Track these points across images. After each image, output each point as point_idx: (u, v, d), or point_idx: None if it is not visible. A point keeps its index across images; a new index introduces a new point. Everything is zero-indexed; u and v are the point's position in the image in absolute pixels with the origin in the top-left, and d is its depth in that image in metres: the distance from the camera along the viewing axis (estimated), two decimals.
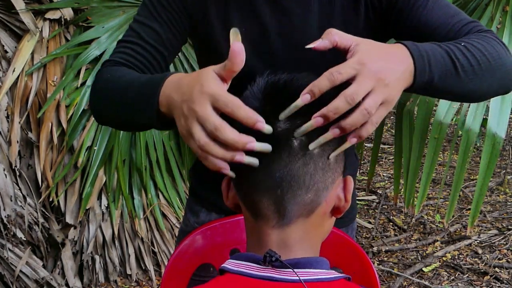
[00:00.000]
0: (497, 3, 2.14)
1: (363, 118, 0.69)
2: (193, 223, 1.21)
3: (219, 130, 0.67)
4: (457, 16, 0.95)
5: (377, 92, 0.70)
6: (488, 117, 2.01)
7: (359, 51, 0.72)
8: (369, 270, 1.08)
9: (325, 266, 0.73)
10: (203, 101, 0.69)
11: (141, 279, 2.72)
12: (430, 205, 3.77)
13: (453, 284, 2.85)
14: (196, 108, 0.69)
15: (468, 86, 0.85)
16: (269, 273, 0.70)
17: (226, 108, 0.68)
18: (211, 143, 0.69)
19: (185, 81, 0.74)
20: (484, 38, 0.89)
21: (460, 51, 0.83)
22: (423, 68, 0.77)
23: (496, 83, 0.90)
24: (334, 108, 0.68)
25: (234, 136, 0.68)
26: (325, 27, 0.99)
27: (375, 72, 0.70)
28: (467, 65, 0.83)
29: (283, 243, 0.73)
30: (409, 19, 0.96)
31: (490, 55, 0.86)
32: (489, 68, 0.86)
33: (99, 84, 0.94)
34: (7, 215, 2.30)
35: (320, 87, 0.69)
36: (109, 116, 0.94)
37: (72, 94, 2.44)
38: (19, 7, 2.31)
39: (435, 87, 0.81)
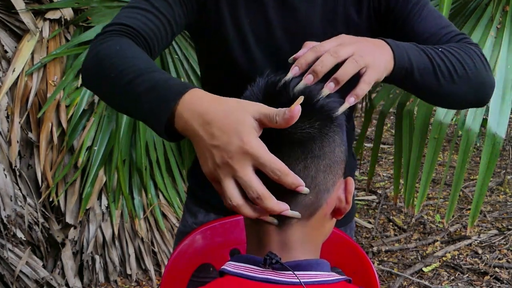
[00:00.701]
0: (497, 3, 2.14)
1: (353, 66, 0.77)
2: (191, 224, 1.21)
3: (262, 199, 0.67)
4: (448, 27, 1.00)
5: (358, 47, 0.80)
6: (488, 117, 2.01)
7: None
8: (369, 270, 1.08)
9: (326, 268, 0.73)
10: (244, 161, 0.66)
11: (141, 279, 2.72)
12: (430, 205, 3.77)
13: (453, 284, 2.85)
14: (236, 167, 0.66)
15: (445, 88, 0.90)
16: (270, 275, 0.70)
17: (273, 175, 0.66)
18: (245, 205, 0.68)
19: (214, 118, 0.68)
20: (465, 48, 0.94)
21: (436, 54, 0.89)
22: (402, 55, 0.85)
23: (471, 93, 0.94)
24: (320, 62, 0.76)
25: (273, 205, 0.67)
26: (328, 23, 1.00)
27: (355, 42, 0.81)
28: (444, 67, 0.88)
29: (283, 244, 0.72)
30: (403, 26, 1.00)
31: (466, 64, 0.91)
32: (465, 76, 0.91)
33: (103, 46, 0.85)
34: (7, 215, 2.30)
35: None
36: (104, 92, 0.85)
37: (72, 94, 2.44)
38: (19, 7, 2.31)
39: (415, 80, 0.86)
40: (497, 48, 2.08)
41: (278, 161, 0.66)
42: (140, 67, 0.79)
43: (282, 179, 0.67)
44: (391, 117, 5.14)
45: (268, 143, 0.68)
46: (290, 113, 0.65)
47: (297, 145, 0.70)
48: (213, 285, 0.73)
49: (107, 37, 0.87)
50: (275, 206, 0.67)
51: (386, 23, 1.03)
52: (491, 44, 2.09)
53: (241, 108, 0.68)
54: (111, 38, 0.87)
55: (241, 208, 0.68)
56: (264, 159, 0.66)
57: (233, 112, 0.68)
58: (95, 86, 0.88)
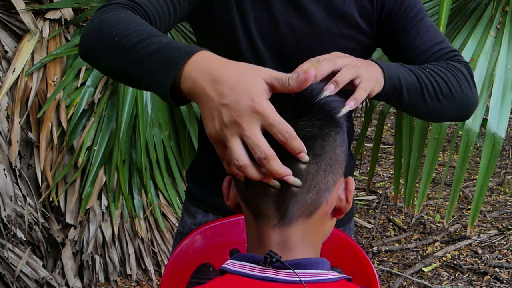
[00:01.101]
0: (497, 3, 2.14)
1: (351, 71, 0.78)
2: (190, 225, 1.21)
3: (269, 160, 0.66)
4: (442, 43, 1.04)
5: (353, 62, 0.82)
6: (488, 117, 2.01)
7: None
8: (369, 270, 1.08)
9: (326, 267, 0.73)
10: (253, 121, 0.65)
11: (141, 279, 2.72)
12: (430, 205, 3.77)
13: (453, 284, 2.85)
14: (244, 125, 0.65)
15: (430, 106, 0.95)
16: (270, 274, 0.70)
17: (281, 137, 0.66)
18: (250, 166, 0.67)
19: (224, 79, 0.68)
20: (452, 69, 0.98)
21: (424, 74, 0.93)
22: (391, 73, 0.88)
23: (455, 111, 1.00)
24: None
25: (279, 168, 0.66)
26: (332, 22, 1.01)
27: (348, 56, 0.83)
28: (430, 87, 0.93)
29: (283, 243, 0.73)
30: (399, 38, 1.03)
31: (451, 85, 0.96)
32: (450, 96, 0.96)
33: (106, 18, 0.83)
34: (7, 215, 2.30)
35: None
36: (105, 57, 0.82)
37: (72, 94, 2.44)
38: (19, 7, 2.31)
39: (402, 97, 0.90)
40: (497, 48, 2.08)
41: (287, 123, 0.66)
42: (147, 31, 0.78)
43: (289, 142, 0.66)
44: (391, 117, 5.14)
45: (271, 142, 0.68)
46: (305, 75, 0.65)
47: None
48: (214, 283, 0.73)
49: (110, 9, 0.86)
50: (280, 169, 0.66)
51: (383, 31, 1.05)
52: (491, 44, 2.09)
53: (252, 70, 0.68)
54: (115, 9, 0.85)
55: (248, 169, 0.67)
56: (273, 119, 0.65)
57: (245, 73, 0.67)
58: (96, 52, 0.84)
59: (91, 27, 0.85)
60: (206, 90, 0.68)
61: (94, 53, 0.84)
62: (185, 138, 2.69)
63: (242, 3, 1.00)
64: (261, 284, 0.70)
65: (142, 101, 2.50)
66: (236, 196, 0.78)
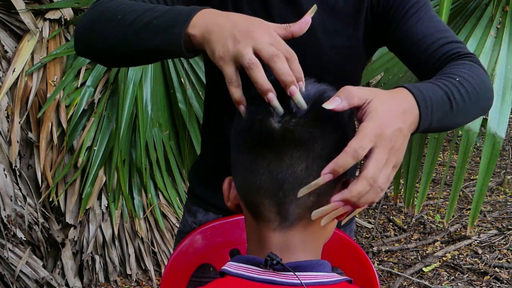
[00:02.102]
0: (497, 3, 2.14)
1: (376, 195, 0.68)
2: (191, 224, 1.21)
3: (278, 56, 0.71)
4: (444, 32, 0.97)
5: (390, 163, 0.69)
6: (488, 117, 2.01)
7: (371, 113, 0.69)
8: (369, 270, 1.08)
9: (327, 269, 0.73)
10: (265, 34, 0.72)
11: (141, 279, 2.72)
12: (430, 205, 3.77)
13: (453, 284, 2.85)
14: (256, 36, 0.72)
15: (458, 120, 0.87)
16: (270, 276, 0.70)
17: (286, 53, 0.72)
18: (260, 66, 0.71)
19: (236, 16, 0.76)
20: (473, 68, 0.91)
21: (456, 89, 0.84)
22: (426, 116, 0.77)
23: (479, 110, 0.93)
24: (358, 193, 0.67)
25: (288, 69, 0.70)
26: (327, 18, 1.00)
27: (389, 140, 0.69)
28: (461, 102, 0.84)
29: (284, 246, 0.72)
30: (399, 27, 0.98)
31: (478, 87, 0.89)
32: (477, 99, 0.89)
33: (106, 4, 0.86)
34: (7, 215, 2.30)
35: (344, 165, 0.67)
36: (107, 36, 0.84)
37: (72, 94, 2.44)
38: (19, 7, 2.31)
39: (430, 129, 0.82)
40: (497, 48, 2.08)
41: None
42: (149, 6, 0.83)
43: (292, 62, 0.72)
44: None
45: (271, 143, 0.68)
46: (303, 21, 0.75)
47: (299, 145, 0.69)
48: (214, 285, 0.73)
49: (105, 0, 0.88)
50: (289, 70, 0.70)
51: (381, 23, 1.02)
52: (491, 44, 2.09)
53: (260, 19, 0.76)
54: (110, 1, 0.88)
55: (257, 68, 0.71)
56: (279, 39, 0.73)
57: (256, 18, 0.76)
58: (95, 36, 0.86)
59: (89, 16, 0.87)
60: (219, 22, 0.75)
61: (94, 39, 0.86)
62: (185, 138, 2.69)
63: (239, 1, 1.00)
64: (262, 287, 0.69)
65: (142, 101, 2.50)
66: (237, 197, 0.77)
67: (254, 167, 0.71)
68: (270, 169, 0.70)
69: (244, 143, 0.73)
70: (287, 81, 0.70)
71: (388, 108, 0.71)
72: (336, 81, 0.77)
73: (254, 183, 0.71)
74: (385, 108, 0.70)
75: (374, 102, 0.70)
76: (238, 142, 0.74)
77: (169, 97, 2.67)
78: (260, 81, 0.70)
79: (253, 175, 0.71)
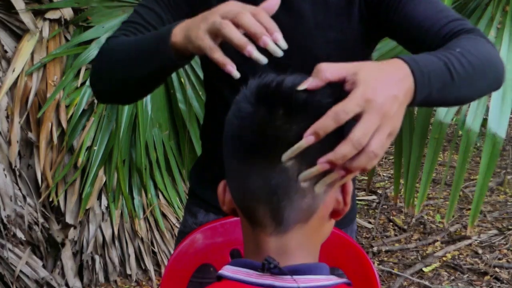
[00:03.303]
0: (497, 3, 2.14)
1: (369, 160, 0.65)
2: (191, 224, 1.21)
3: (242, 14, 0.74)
4: (445, 11, 0.95)
5: (383, 129, 0.66)
6: (488, 117, 2.01)
7: (360, 82, 0.66)
8: (369, 270, 1.08)
9: (325, 272, 0.72)
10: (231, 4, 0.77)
11: (141, 279, 2.72)
12: (430, 205, 3.77)
13: (453, 284, 2.85)
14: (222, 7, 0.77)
15: (462, 92, 0.84)
16: (268, 280, 0.69)
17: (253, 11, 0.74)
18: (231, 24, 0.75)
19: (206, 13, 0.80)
20: (476, 40, 0.88)
21: (456, 59, 0.81)
22: (423, 85, 0.73)
23: (486, 83, 0.89)
24: (342, 155, 0.64)
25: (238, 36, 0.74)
26: (320, 15, 1.00)
27: (380, 106, 0.65)
28: (463, 72, 0.81)
29: (281, 250, 0.71)
30: (396, 12, 0.96)
31: (483, 58, 0.85)
32: (482, 70, 0.85)
33: (105, 51, 0.97)
34: (7, 215, 2.30)
35: (325, 128, 0.64)
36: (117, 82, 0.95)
37: (72, 94, 2.44)
38: (19, 7, 2.31)
39: (431, 100, 0.79)
40: (497, 48, 2.08)
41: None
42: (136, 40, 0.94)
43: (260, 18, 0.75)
44: None
45: (264, 147, 0.67)
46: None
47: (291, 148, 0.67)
48: None
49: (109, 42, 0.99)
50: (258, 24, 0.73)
51: (378, 12, 1.00)
52: None
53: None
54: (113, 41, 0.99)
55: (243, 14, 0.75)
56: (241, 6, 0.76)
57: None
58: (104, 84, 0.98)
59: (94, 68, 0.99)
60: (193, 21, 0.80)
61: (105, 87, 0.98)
62: (185, 138, 2.69)
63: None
64: None
65: (142, 101, 2.50)
66: (232, 201, 0.76)
67: (247, 173, 0.70)
68: (263, 175, 0.69)
69: (235, 150, 0.71)
70: (257, 32, 0.72)
71: (379, 76, 0.68)
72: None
73: (248, 189, 0.70)
74: (376, 76, 0.67)
75: (362, 71, 0.67)
76: (229, 148, 0.72)
77: (169, 97, 2.67)
78: (235, 37, 0.74)
79: (246, 181, 0.70)
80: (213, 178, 1.13)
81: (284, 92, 0.68)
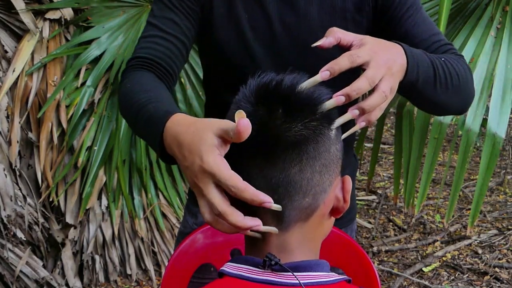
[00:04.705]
0: (497, 3, 2.14)
1: (381, 100, 0.74)
2: (191, 225, 1.22)
3: (225, 216, 0.66)
4: (438, 35, 1.05)
5: (388, 78, 0.76)
6: (488, 117, 2.01)
7: (367, 42, 0.77)
8: (370, 270, 1.08)
9: (325, 269, 0.73)
10: (206, 180, 0.66)
11: (141, 279, 2.72)
12: (430, 205, 3.77)
13: (453, 284, 2.86)
14: (201, 185, 0.67)
15: (439, 98, 0.94)
16: (269, 277, 0.70)
17: (230, 191, 0.65)
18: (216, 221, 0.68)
19: (185, 141, 0.70)
20: (459, 60, 0.99)
21: (440, 65, 0.92)
22: (413, 68, 0.84)
23: (459, 101, 1.00)
24: (357, 88, 0.72)
25: (240, 221, 0.66)
26: (326, 17, 1.01)
27: (385, 60, 0.76)
28: (443, 79, 0.92)
29: (282, 247, 0.72)
30: (397, 27, 1.03)
31: (461, 77, 0.96)
32: (457, 87, 0.95)
33: (122, 88, 0.95)
34: (7, 215, 2.30)
35: (340, 65, 0.72)
36: (128, 121, 0.95)
37: (72, 94, 2.44)
38: (19, 7, 2.31)
39: (416, 90, 0.88)
40: (497, 48, 2.08)
41: (235, 177, 0.65)
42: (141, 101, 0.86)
43: (239, 195, 0.65)
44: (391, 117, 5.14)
45: (263, 148, 0.68)
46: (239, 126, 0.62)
47: (292, 147, 0.69)
48: (212, 286, 0.73)
49: (128, 73, 0.97)
50: (241, 222, 0.66)
51: (379, 22, 1.04)
52: (491, 44, 2.09)
53: (205, 127, 0.68)
54: (130, 74, 0.96)
55: (213, 224, 0.68)
56: (220, 176, 0.65)
57: (198, 132, 0.68)
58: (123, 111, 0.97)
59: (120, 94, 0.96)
60: (176, 154, 0.72)
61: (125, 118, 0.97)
62: None
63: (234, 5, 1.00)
64: (260, 287, 0.69)
65: None
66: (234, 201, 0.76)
67: (249, 172, 0.70)
68: (264, 174, 0.70)
69: (237, 149, 0.72)
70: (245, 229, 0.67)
71: (381, 45, 0.79)
72: (340, 80, 0.77)
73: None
74: (379, 44, 0.79)
75: (368, 39, 0.78)
76: (231, 148, 0.73)
77: None
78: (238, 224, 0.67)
79: (248, 180, 0.69)
80: None
81: (283, 92, 0.69)
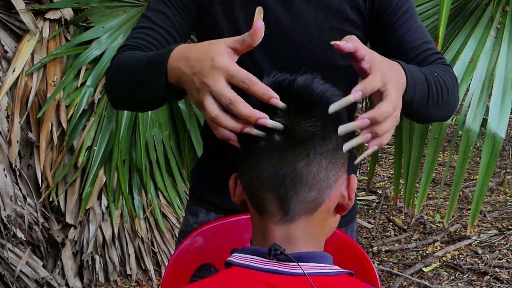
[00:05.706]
0: (497, 3, 2.14)
1: (394, 124, 0.76)
2: (192, 224, 1.22)
3: (234, 104, 0.70)
4: (428, 44, 1.06)
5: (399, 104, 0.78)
6: (488, 117, 2.01)
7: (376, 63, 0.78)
8: (370, 270, 1.08)
9: (329, 261, 0.75)
10: (216, 75, 0.71)
11: (141, 279, 2.72)
12: (430, 205, 3.77)
13: (453, 284, 2.86)
14: (209, 82, 0.72)
15: (428, 113, 0.97)
16: (274, 266, 0.72)
17: (243, 84, 0.71)
18: (223, 115, 0.72)
19: (193, 54, 0.76)
20: (448, 72, 1.01)
21: (433, 82, 0.94)
22: (411, 88, 0.85)
23: (444, 113, 1.03)
24: (384, 112, 0.73)
25: (247, 111, 0.70)
26: (323, 19, 1.01)
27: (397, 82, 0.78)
28: (435, 96, 0.94)
29: (286, 238, 0.74)
30: (391, 31, 1.04)
31: (450, 90, 0.98)
32: (446, 100, 0.98)
33: (112, 67, 0.98)
34: (7, 215, 2.30)
35: (373, 86, 0.73)
36: (123, 97, 0.97)
37: (72, 94, 2.44)
38: (19, 7, 2.31)
39: (410, 108, 0.89)
40: (497, 48, 2.08)
41: (247, 72, 0.71)
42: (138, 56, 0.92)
43: (251, 87, 0.70)
44: None
45: (272, 142, 0.72)
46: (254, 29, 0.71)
47: (300, 143, 0.72)
48: (220, 275, 0.76)
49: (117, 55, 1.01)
50: (250, 112, 0.70)
51: (374, 24, 1.05)
52: (491, 44, 2.09)
53: (216, 41, 0.76)
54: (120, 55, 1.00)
55: (220, 119, 0.72)
56: (232, 70, 0.71)
57: (209, 45, 0.76)
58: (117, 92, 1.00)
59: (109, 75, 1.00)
60: (182, 69, 0.77)
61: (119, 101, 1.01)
62: (185, 138, 2.69)
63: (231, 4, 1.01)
64: (265, 276, 0.72)
65: None
66: (242, 193, 0.80)
67: (259, 163, 0.73)
68: (273, 164, 0.73)
69: (249, 141, 0.75)
70: (252, 120, 0.71)
71: (387, 63, 0.81)
72: (337, 79, 0.78)
73: (258, 178, 0.74)
74: (384, 61, 0.80)
75: (375, 54, 0.79)
76: (244, 139, 0.76)
77: None
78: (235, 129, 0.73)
79: (257, 171, 0.74)
80: (214, 177, 1.15)
81: (296, 89, 0.73)
